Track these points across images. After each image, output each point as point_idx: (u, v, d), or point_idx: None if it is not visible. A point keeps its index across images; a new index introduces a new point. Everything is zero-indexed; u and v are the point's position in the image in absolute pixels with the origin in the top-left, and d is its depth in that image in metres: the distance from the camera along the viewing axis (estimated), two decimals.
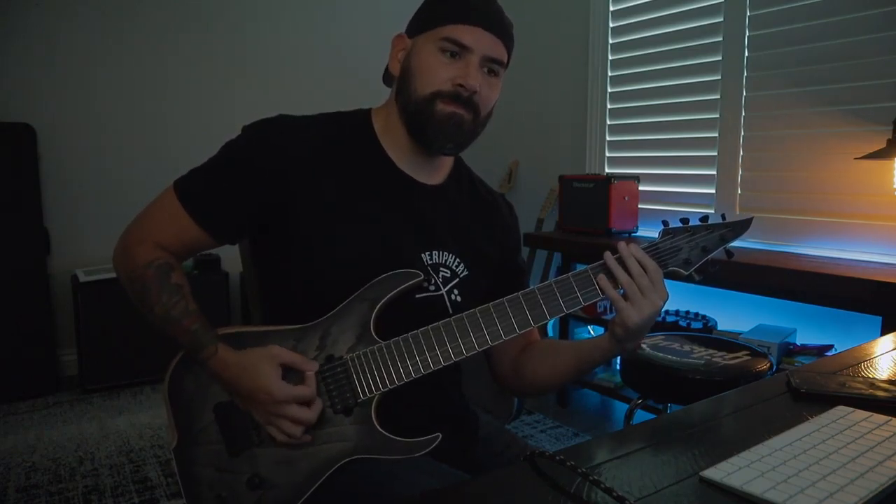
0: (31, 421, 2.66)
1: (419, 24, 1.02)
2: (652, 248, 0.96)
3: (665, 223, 0.99)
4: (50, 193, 3.04)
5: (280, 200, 0.99)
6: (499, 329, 0.93)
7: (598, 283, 0.93)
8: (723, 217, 1.01)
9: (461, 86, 0.97)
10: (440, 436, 0.91)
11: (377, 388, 0.93)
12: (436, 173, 1.09)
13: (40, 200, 2.94)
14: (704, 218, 0.99)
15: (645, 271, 0.93)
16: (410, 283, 0.96)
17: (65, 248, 3.13)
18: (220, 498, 0.94)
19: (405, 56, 1.02)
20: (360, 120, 1.08)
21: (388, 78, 1.10)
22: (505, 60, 1.02)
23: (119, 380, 3.01)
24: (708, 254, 0.98)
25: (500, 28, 1.00)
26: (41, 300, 2.92)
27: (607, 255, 0.94)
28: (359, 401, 0.93)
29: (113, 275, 2.81)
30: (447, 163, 1.12)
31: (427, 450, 0.91)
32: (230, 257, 1.08)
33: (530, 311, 0.93)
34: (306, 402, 0.91)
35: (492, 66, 1.01)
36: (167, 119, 3.35)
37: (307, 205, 0.99)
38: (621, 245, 0.94)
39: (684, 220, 0.99)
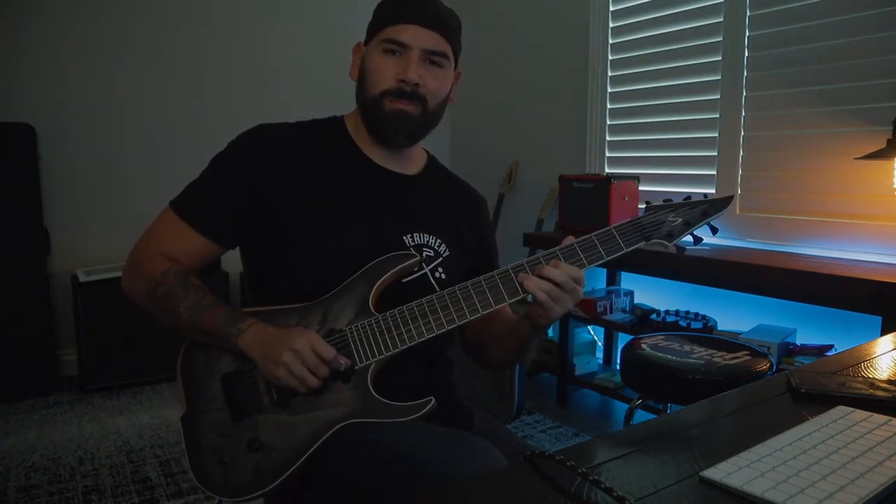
0: (31, 421, 2.66)
1: (368, 31, 1.12)
2: (635, 221, 1.01)
3: (648, 202, 1.05)
4: (50, 193, 3.05)
5: (267, 199, 1.06)
6: (489, 299, 0.99)
7: (526, 287, 0.98)
8: (705, 196, 1.06)
9: (403, 81, 1.06)
10: (433, 399, 0.96)
11: (374, 356, 0.99)
12: (410, 165, 1.18)
13: (40, 200, 2.94)
14: (688, 197, 1.05)
15: (560, 275, 0.98)
16: (408, 262, 1.04)
17: (65, 248, 3.13)
18: (221, 462, 0.98)
19: (360, 61, 1.13)
20: (335, 123, 1.18)
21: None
22: (448, 51, 1.10)
23: (119, 380, 3.01)
24: (690, 227, 1.02)
25: (436, 22, 1.08)
26: (41, 300, 2.92)
27: (524, 278, 0.98)
28: (356, 367, 0.99)
29: (112, 275, 2.85)
30: (420, 156, 1.22)
31: (420, 413, 0.96)
32: (230, 257, 1.10)
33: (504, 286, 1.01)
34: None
35: (434, 59, 1.08)
36: (167, 119, 3.35)
37: (293, 201, 1.06)
38: (547, 269, 0.98)
39: (667, 200, 1.05)
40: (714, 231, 1.06)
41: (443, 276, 1.12)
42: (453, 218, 1.19)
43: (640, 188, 2.81)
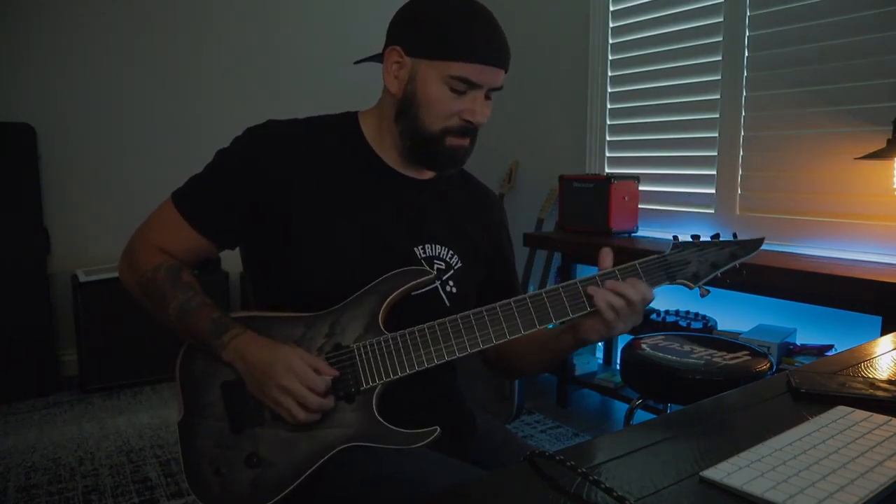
0: (31, 421, 2.66)
1: (423, 48, 0.99)
2: (660, 259, 0.98)
3: (675, 238, 1.01)
4: (50, 193, 3.05)
5: (271, 199, 1.02)
6: (504, 329, 0.95)
7: (595, 304, 0.94)
8: (734, 235, 1.02)
9: (469, 122, 1.01)
10: (438, 429, 0.93)
11: (380, 378, 0.95)
12: (425, 169, 1.13)
13: (40, 200, 2.94)
14: (716, 235, 1.01)
15: (637, 293, 0.94)
16: (421, 279, 1.00)
17: (65, 248, 3.13)
18: (218, 473, 0.96)
19: (407, 78, 1.01)
20: (349, 121, 1.11)
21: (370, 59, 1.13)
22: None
23: (119, 380, 3.01)
24: (717, 269, 0.99)
25: (505, 60, 1.02)
26: (41, 300, 2.92)
27: (596, 292, 0.94)
28: (361, 389, 0.95)
29: (113, 275, 2.85)
30: None
31: (425, 442, 0.93)
32: (230, 257, 1.10)
33: (536, 313, 0.95)
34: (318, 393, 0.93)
35: (491, 93, 1.03)
36: (168, 119, 3.35)
37: (298, 202, 1.02)
38: (619, 284, 0.94)
39: (695, 237, 1.01)
40: (741, 273, 1.01)
41: (454, 289, 1.07)
42: (466, 224, 1.14)
43: (640, 188, 2.82)
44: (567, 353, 1.07)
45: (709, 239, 1.00)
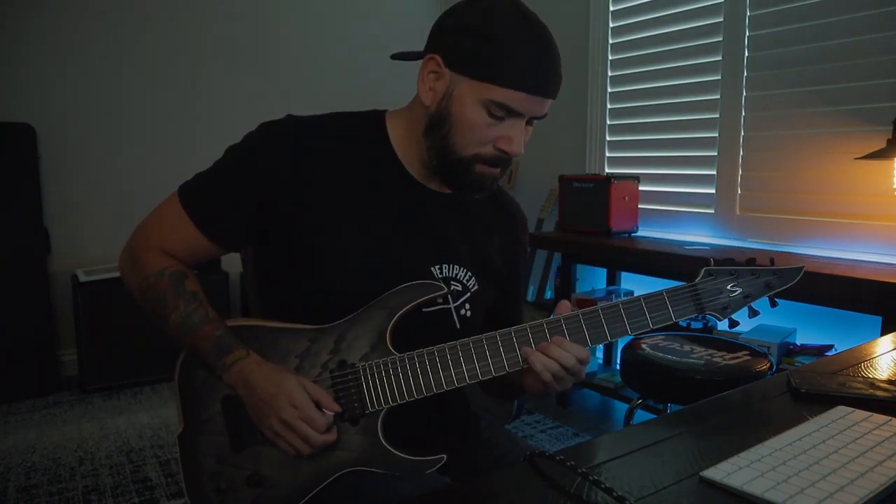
0: (31, 421, 2.67)
1: (464, 63, 0.90)
2: (690, 288, 0.93)
3: (708, 262, 0.94)
4: (50, 193, 3.05)
5: (278, 200, 0.95)
6: (518, 356, 0.91)
7: (526, 359, 0.89)
8: (771, 261, 0.95)
9: (504, 151, 0.93)
10: (445, 458, 0.90)
11: (386, 402, 0.91)
12: None
13: (40, 200, 2.94)
14: (751, 259, 0.95)
15: (578, 359, 0.89)
16: (432, 294, 0.94)
17: (65, 248, 3.13)
18: (218, 490, 0.94)
19: (443, 92, 0.92)
20: (373, 122, 1.03)
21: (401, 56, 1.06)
22: None
23: (119, 380, 3.01)
24: (749, 301, 0.93)
25: (555, 89, 0.93)
26: (41, 300, 2.92)
27: (527, 352, 0.89)
28: (366, 412, 0.91)
29: (113, 275, 2.85)
30: None
31: (431, 470, 0.89)
32: (230, 257, 1.09)
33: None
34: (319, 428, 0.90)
35: (533, 120, 0.96)
36: (168, 119, 3.35)
37: (308, 206, 0.96)
38: (548, 347, 0.89)
39: (729, 260, 0.94)
40: (773, 304, 0.95)
41: (468, 313, 1.02)
42: (485, 243, 1.07)
43: (640, 188, 2.81)
44: (519, 394, 1.05)
45: (743, 264, 0.94)
